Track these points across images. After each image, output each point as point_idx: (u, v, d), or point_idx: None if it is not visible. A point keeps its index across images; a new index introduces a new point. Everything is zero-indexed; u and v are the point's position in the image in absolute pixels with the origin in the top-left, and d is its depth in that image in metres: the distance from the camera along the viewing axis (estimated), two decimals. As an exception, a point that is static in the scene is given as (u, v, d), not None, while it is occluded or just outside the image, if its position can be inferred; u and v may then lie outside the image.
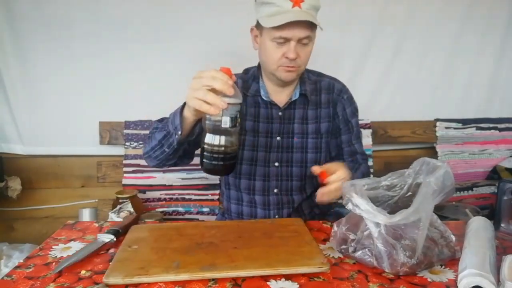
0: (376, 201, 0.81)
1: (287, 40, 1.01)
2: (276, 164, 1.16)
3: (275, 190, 1.17)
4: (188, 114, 0.88)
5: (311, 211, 1.23)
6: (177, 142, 0.93)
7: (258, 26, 1.07)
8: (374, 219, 0.73)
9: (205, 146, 0.81)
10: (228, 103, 0.77)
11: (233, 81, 0.79)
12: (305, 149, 1.17)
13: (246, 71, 1.21)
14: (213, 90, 0.77)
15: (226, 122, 0.78)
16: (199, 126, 0.92)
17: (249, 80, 1.18)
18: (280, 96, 1.16)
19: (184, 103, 0.90)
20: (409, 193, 0.84)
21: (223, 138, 0.80)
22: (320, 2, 1.03)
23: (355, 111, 1.22)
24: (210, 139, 0.80)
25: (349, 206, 0.76)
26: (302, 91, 1.16)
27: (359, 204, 0.75)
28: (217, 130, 0.79)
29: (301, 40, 1.01)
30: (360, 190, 0.78)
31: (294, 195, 1.18)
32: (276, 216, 1.18)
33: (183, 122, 0.90)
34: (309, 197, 1.21)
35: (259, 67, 1.18)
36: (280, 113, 1.15)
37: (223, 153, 0.80)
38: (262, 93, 1.15)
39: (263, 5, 1.01)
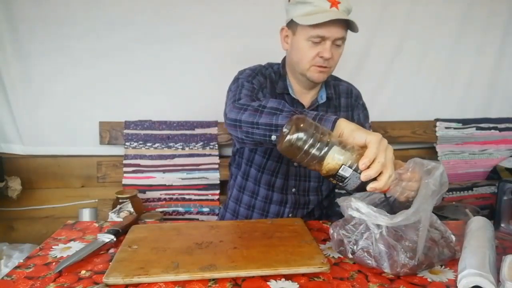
0: (374, 205, 0.81)
1: (323, 39, 1.02)
2: (295, 163, 1.16)
3: (293, 190, 1.18)
4: (347, 130, 0.72)
5: (321, 213, 1.26)
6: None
7: (290, 26, 1.07)
8: (376, 221, 0.73)
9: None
10: None
11: None
12: None
13: (271, 65, 1.19)
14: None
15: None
16: None
17: (276, 76, 1.16)
18: (306, 98, 1.16)
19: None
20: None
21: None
22: (352, 7, 1.06)
23: (367, 116, 1.26)
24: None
25: (350, 212, 0.76)
26: (328, 95, 1.17)
27: (359, 207, 0.75)
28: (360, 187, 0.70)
29: (335, 41, 1.03)
30: (358, 196, 0.79)
31: (310, 195, 1.20)
32: (290, 215, 1.19)
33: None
34: (323, 200, 1.23)
35: (283, 65, 1.18)
36: None
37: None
38: (290, 91, 1.15)
39: (298, 4, 1.02)
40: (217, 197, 1.84)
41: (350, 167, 0.67)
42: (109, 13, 1.76)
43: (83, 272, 0.76)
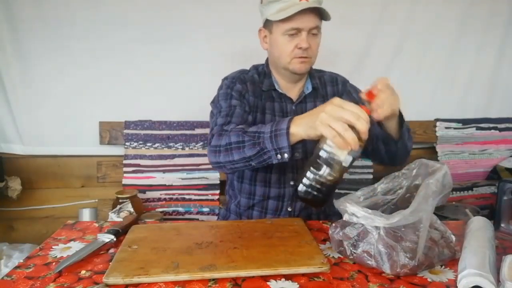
0: (375, 207, 0.81)
1: (298, 31, 1.06)
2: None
3: (291, 183, 1.19)
4: (301, 133, 0.82)
5: (320, 208, 1.24)
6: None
7: (267, 25, 1.12)
8: (373, 223, 0.73)
9: (309, 173, 0.76)
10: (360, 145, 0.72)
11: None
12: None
13: (255, 67, 1.24)
14: (352, 128, 0.72)
15: (347, 162, 0.74)
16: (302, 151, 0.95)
17: (260, 76, 1.21)
18: (293, 91, 1.20)
19: (289, 120, 0.84)
20: (408, 195, 0.84)
21: (333, 172, 0.74)
22: None
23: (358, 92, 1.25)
24: (319, 168, 0.75)
25: (346, 217, 0.77)
26: (314, 85, 1.20)
27: (355, 212, 0.75)
28: (331, 164, 0.74)
29: (311, 30, 1.07)
30: (355, 200, 0.79)
31: None
32: (289, 209, 1.19)
33: (290, 141, 0.84)
34: None
35: (267, 65, 1.22)
36: (293, 107, 1.18)
37: (326, 186, 0.76)
38: (276, 86, 1.18)
39: (270, 3, 1.06)
40: (217, 197, 1.84)
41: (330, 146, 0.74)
42: (109, 13, 1.76)
43: (83, 272, 0.76)
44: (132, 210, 1.54)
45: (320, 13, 1.06)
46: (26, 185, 1.82)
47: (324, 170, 0.75)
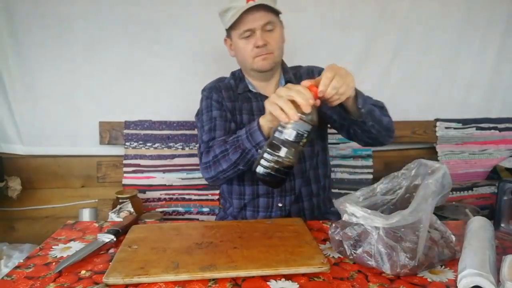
0: (374, 208, 0.81)
1: (252, 31, 1.10)
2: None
3: None
4: (263, 121, 0.94)
5: (310, 198, 1.23)
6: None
7: (228, 34, 1.18)
8: (372, 223, 0.73)
9: (265, 153, 0.81)
10: (300, 118, 0.79)
11: (316, 105, 0.83)
12: None
13: (233, 73, 1.29)
14: (293, 103, 0.80)
15: (290, 135, 0.80)
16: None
17: (236, 81, 1.25)
18: (268, 89, 1.22)
19: (257, 121, 0.96)
20: (407, 195, 0.84)
21: (284, 150, 0.80)
22: None
23: None
24: (271, 147, 0.81)
25: (345, 217, 0.77)
26: (287, 79, 1.22)
27: (354, 212, 0.75)
28: (283, 141, 0.80)
29: (264, 27, 1.10)
30: (355, 200, 0.79)
31: (296, 178, 1.19)
32: (280, 204, 1.19)
33: (264, 134, 0.94)
34: (308, 184, 1.22)
35: (241, 71, 1.27)
36: None
37: (279, 164, 0.80)
38: (250, 87, 1.22)
39: (223, 14, 1.13)
40: (217, 197, 1.84)
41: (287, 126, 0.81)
42: (109, 14, 1.76)
43: (83, 272, 0.76)
44: (132, 210, 1.54)
45: (271, 7, 1.08)
46: (26, 185, 1.82)
47: (275, 148, 0.80)
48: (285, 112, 0.80)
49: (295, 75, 1.26)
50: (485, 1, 1.96)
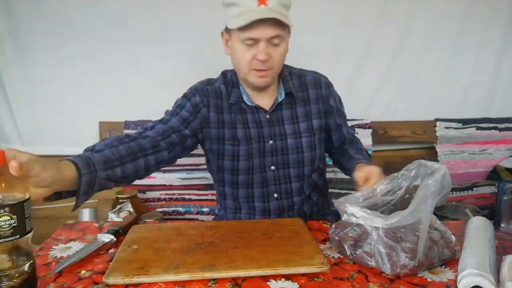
0: (374, 208, 0.81)
1: (256, 41, 0.97)
2: (273, 167, 1.13)
3: (275, 195, 1.15)
4: None
5: (311, 211, 1.22)
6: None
7: (227, 29, 1.03)
8: (372, 224, 0.73)
9: None
10: None
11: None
12: (300, 149, 1.13)
13: (224, 74, 1.15)
14: None
15: None
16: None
17: (228, 86, 1.12)
18: (264, 99, 1.11)
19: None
20: (407, 195, 0.84)
21: None
22: None
23: (341, 101, 1.23)
24: None
25: (345, 217, 0.77)
26: (287, 90, 1.11)
27: (354, 212, 0.75)
28: None
29: (271, 40, 0.97)
30: (355, 201, 0.80)
31: (294, 197, 1.16)
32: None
33: None
34: (308, 198, 1.20)
35: (235, 73, 1.13)
36: (267, 116, 1.11)
37: None
38: (245, 98, 1.10)
39: (228, 6, 0.98)
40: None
41: None
42: (109, 14, 1.76)
43: (83, 272, 0.76)
44: (132, 210, 1.54)
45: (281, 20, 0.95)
46: (26, 185, 1.82)
47: None
48: None
49: (300, 83, 1.14)
50: (485, 1, 1.96)
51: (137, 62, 1.82)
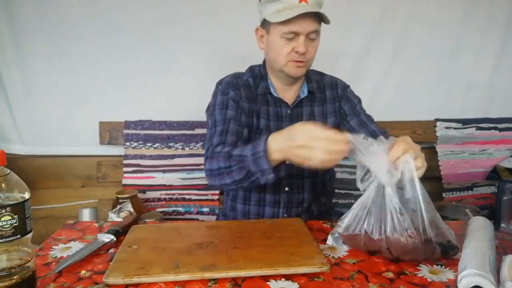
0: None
1: (296, 34, 1.04)
2: (287, 161, 1.15)
3: (286, 189, 1.18)
4: (276, 151, 0.88)
5: (319, 211, 1.24)
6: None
7: (264, 25, 1.11)
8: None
9: None
10: None
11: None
12: None
13: (251, 69, 1.23)
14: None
15: None
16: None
17: (256, 79, 1.19)
18: (288, 94, 1.19)
19: (264, 142, 0.89)
20: None
21: None
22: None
23: (360, 100, 1.25)
24: None
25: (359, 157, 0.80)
26: (310, 88, 1.19)
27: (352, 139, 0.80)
28: None
29: (309, 35, 1.05)
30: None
31: (305, 193, 1.19)
32: (285, 215, 1.19)
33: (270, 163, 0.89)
34: (318, 197, 1.22)
35: (264, 66, 1.20)
36: (289, 111, 1.17)
37: None
38: (271, 90, 1.17)
39: (269, 3, 1.05)
40: (217, 197, 1.84)
41: None
42: (109, 14, 1.76)
43: (83, 272, 0.76)
44: (132, 210, 1.54)
45: (320, 17, 1.05)
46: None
47: None
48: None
49: (318, 84, 1.22)
50: (485, 1, 1.96)
51: (137, 63, 1.82)
